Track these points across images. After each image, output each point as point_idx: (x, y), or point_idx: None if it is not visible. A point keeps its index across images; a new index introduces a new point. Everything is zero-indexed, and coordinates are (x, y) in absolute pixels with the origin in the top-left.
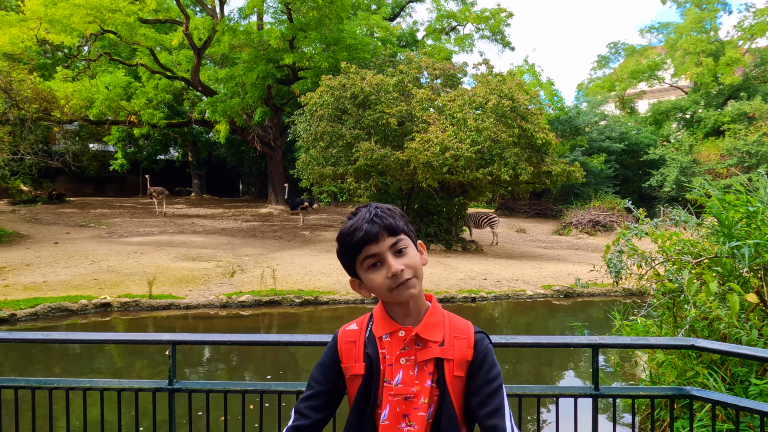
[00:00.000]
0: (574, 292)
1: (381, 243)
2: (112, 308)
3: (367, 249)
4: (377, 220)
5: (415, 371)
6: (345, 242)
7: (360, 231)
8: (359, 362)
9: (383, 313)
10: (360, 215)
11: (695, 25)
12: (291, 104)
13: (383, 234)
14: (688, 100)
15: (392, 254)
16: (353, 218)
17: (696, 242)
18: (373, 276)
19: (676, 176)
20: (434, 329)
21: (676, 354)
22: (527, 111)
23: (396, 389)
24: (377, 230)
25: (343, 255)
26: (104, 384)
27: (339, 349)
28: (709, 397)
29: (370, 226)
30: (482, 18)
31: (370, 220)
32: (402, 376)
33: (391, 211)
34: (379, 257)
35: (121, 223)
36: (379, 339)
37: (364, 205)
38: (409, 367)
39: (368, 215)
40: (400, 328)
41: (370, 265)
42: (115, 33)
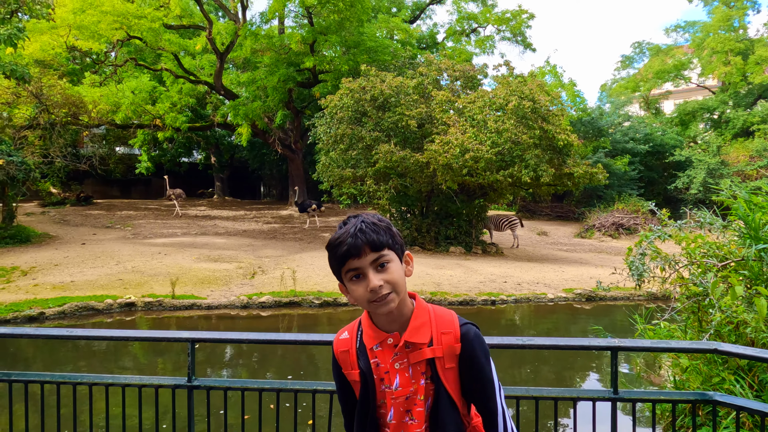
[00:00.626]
0: (597, 295)
1: (363, 258)
2: (137, 308)
3: (349, 263)
4: (360, 235)
5: (410, 372)
6: (331, 253)
7: (344, 245)
8: (355, 370)
9: (370, 323)
10: (347, 228)
11: (723, 24)
12: (311, 107)
13: (366, 249)
14: (716, 100)
15: (373, 269)
16: (341, 229)
17: (722, 245)
18: (355, 287)
19: (703, 178)
20: (421, 330)
21: (701, 359)
22: (548, 112)
23: (396, 393)
24: (360, 245)
25: (331, 263)
26: (126, 380)
27: (337, 359)
28: (733, 403)
29: (353, 240)
30: (503, 19)
31: (354, 234)
32: (399, 379)
33: (376, 225)
34: (360, 271)
35: (146, 225)
36: (370, 350)
37: (354, 216)
38: (403, 370)
39: (353, 229)
40: (387, 336)
41: (352, 277)
42: (141, 39)
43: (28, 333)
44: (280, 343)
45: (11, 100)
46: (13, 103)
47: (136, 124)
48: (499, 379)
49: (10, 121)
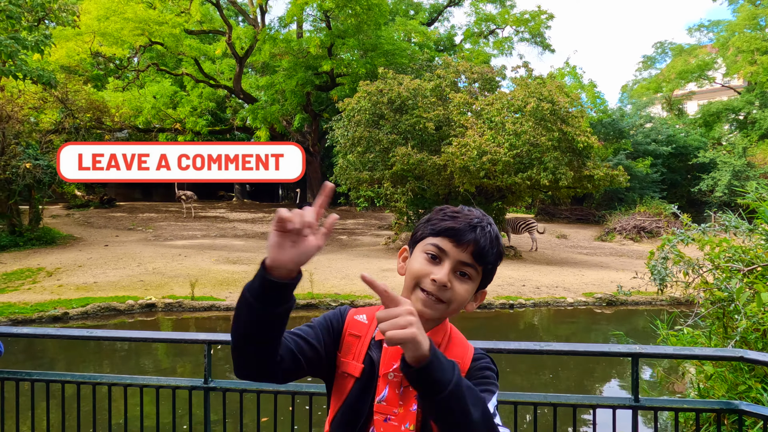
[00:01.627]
0: (617, 300)
1: (458, 251)
2: (157, 308)
3: (444, 241)
4: (479, 232)
5: (400, 391)
6: (433, 218)
7: (455, 223)
8: (358, 362)
9: None
10: (471, 214)
11: (749, 22)
12: (329, 110)
13: (468, 248)
14: (742, 101)
15: (455, 268)
16: (464, 210)
17: (748, 249)
18: (422, 262)
19: (729, 180)
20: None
21: (727, 367)
22: (568, 114)
23: (378, 406)
24: (470, 240)
25: (421, 225)
26: (144, 381)
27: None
28: (761, 413)
29: (468, 230)
30: (522, 20)
31: (473, 227)
32: (387, 393)
33: (496, 241)
34: (442, 257)
35: (167, 227)
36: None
37: (484, 213)
38: (395, 384)
39: (476, 221)
40: None
41: (430, 252)
42: (162, 44)
43: (51, 333)
44: None
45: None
46: (39, 108)
47: (157, 128)
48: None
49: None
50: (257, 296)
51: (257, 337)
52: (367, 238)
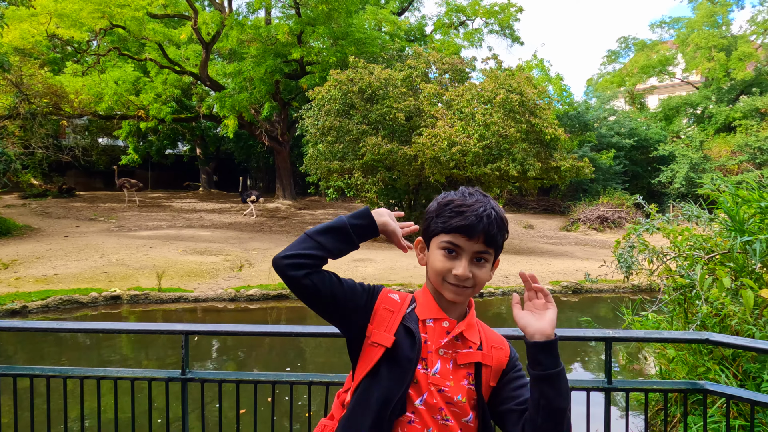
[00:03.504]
0: (583, 288)
1: (472, 243)
2: (122, 301)
3: (456, 237)
4: (486, 221)
5: (450, 365)
6: (442, 214)
7: (463, 219)
8: (389, 333)
9: (430, 299)
10: (474, 203)
11: (707, 20)
12: (299, 99)
13: (480, 238)
14: (699, 96)
15: (471, 258)
16: (466, 198)
17: (708, 238)
18: (442, 259)
19: (686, 172)
20: (472, 330)
21: (687, 350)
22: (536, 106)
23: (433, 378)
24: (479, 231)
25: (431, 220)
26: (117, 373)
27: (375, 307)
28: (723, 392)
29: (476, 221)
30: (491, 12)
31: (480, 217)
32: (440, 367)
33: (502, 222)
34: (458, 251)
35: (130, 217)
36: (422, 322)
37: (483, 194)
38: (446, 360)
39: (482, 210)
40: (445, 317)
41: (445, 248)
42: (124, 28)
43: (16, 326)
44: (276, 335)
45: None
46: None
47: (119, 115)
48: None
49: None
50: (355, 227)
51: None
52: None
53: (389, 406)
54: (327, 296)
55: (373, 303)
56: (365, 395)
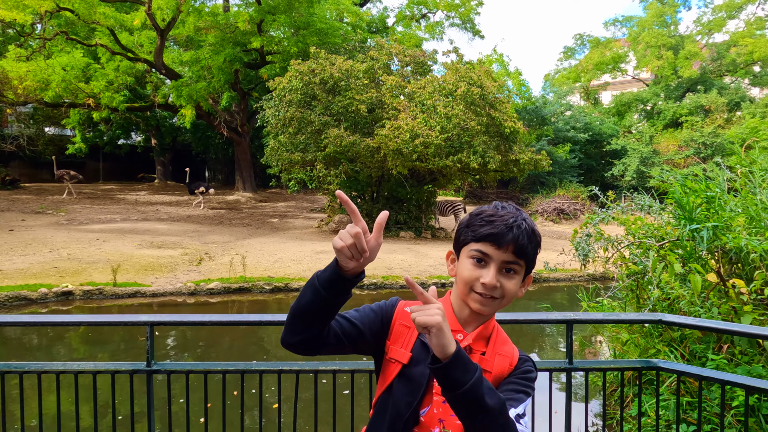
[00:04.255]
0: (540, 277)
1: (501, 252)
2: (75, 297)
3: (485, 245)
4: (516, 231)
5: None
6: (473, 224)
7: (494, 227)
8: (406, 349)
9: (449, 310)
10: (505, 213)
11: (657, 19)
12: (259, 89)
13: (509, 247)
14: (649, 92)
15: (500, 268)
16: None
17: (659, 227)
18: (470, 267)
19: (637, 166)
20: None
21: (639, 333)
22: (496, 99)
23: (438, 388)
24: (509, 240)
25: (463, 231)
26: (78, 367)
27: (392, 323)
28: (674, 369)
29: (507, 231)
30: (453, 6)
31: (511, 226)
32: None
33: (534, 234)
34: (487, 259)
35: (81, 210)
36: None
37: (517, 208)
38: None
39: (513, 220)
40: (460, 331)
41: (475, 257)
42: (72, 11)
43: None
44: (244, 324)
45: None
46: None
47: (68, 103)
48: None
49: None
50: (326, 286)
51: (314, 317)
52: (299, 221)
53: (402, 419)
54: (349, 345)
55: (389, 321)
56: (383, 408)
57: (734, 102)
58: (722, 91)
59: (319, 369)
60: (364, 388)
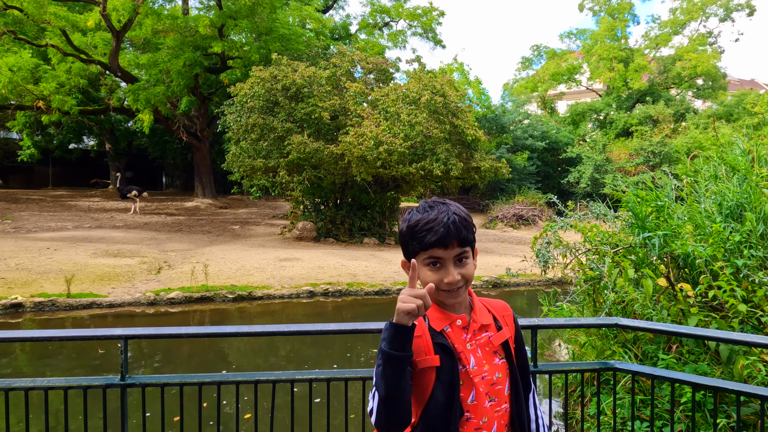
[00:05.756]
0: (502, 282)
1: (449, 250)
2: (25, 309)
3: (434, 251)
4: (453, 228)
5: (480, 353)
6: (415, 236)
7: (434, 234)
8: (431, 355)
9: (435, 308)
10: (437, 215)
11: (608, 33)
12: (219, 94)
13: (454, 243)
14: (602, 103)
15: (454, 262)
16: (429, 213)
17: (613, 234)
18: (431, 273)
19: (591, 173)
20: (484, 312)
21: (596, 335)
22: (458, 108)
23: (473, 372)
24: (451, 239)
25: (408, 243)
26: (49, 383)
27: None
28: (629, 369)
29: (446, 231)
30: (415, 15)
31: (446, 225)
32: (474, 359)
33: (467, 222)
34: (441, 261)
35: (29, 217)
36: (442, 331)
37: (442, 202)
38: (474, 350)
39: (446, 219)
40: (456, 317)
41: (430, 263)
42: (21, 10)
43: None
44: (220, 336)
45: None
46: None
47: (14, 105)
48: None
49: None
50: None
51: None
52: (261, 228)
53: (450, 417)
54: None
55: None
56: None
57: (680, 113)
58: (669, 102)
59: (295, 378)
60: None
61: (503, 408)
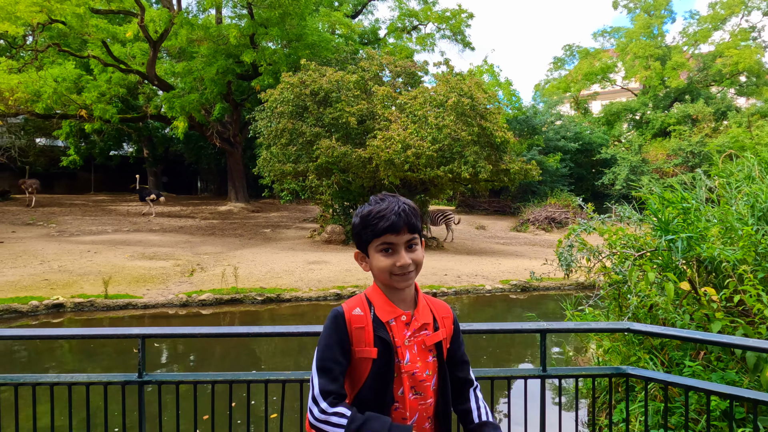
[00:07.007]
0: (531, 286)
1: (400, 236)
2: (66, 309)
3: (387, 237)
4: (403, 215)
5: (415, 350)
6: (368, 224)
7: (386, 221)
8: (370, 347)
9: (384, 299)
10: (388, 205)
11: (644, 30)
12: (251, 100)
13: (405, 229)
14: (638, 102)
15: (405, 247)
16: (380, 204)
17: (639, 237)
18: (384, 258)
19: (626, 175)
20: (426, 312)
21: (621, 341)
22: (486, 110)
23: (406, 367)
24: (402, 224)
25: (362, 232)
26: (72, 379)
27: (349, 332)
28: (642, 375)
29: (397, 219)
30: (443, 18)
31: (398, 213)
32: (409, 355)
33: (415, 211)
34: (393, 247)
35: (72, 221)
36: (386, 323)
37: (392, 195)
38: (411, 347)
39: (397, 208)
40: (401, 313)
41: (383, 249)
42: (65, 23)
43: None
44: (234, 336)
45: None
46: None
47: (59, 115)
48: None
49: None
50: None
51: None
52: (291, 231)
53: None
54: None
55: (348, 332)
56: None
57: (721, 111)
58: (709, 100)
59: (304, 378)
60: None
61: (428, 402)
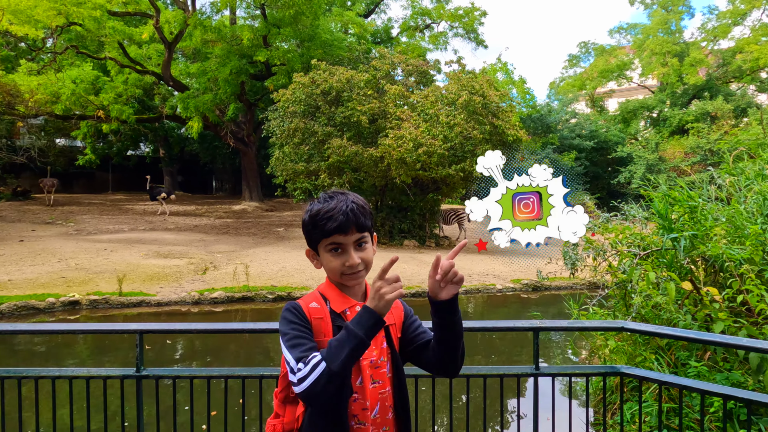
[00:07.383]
0: (542, 285)
1: (348, 236)
2: (81, 306)
3: (335, 237)
4: (351, 214)
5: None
6: (317, 224)
7: (334, 221)
8: (330, 336)
9: (338, 292)
10: (336, 204)
11: (661, 27)
12: (265, 100)
13: (353, 229)
14: (655, 99)
15: (354, 247)
16: (329, 203)
17: (645, 236)
18: (333, 258)
19: (643, 173)
20: None
21: (628, 341)
22: (498, 108)
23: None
24: (350, 224)
25: (311, 232)
26: (73, 373)
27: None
28: (635, 374)
29: (344, 218)
30: (456, 16)
31: (345, 213)
32: None
33: (364, 209)
34: (342, 246)
35: (90, 220)
36: (342, 313)
37: (341, 192)
38: None
39: (345, 207)
40: (355, 303)
41: (331, 249)
42: (82, 25)
43: None
44: (231, 332)
45: None
46: None
47: (78, 115)
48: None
49: None
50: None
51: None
52: None
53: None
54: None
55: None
56: None
57: (741, 108)
58: (728, 97)
59: None
60: None
61: (387, 390)
